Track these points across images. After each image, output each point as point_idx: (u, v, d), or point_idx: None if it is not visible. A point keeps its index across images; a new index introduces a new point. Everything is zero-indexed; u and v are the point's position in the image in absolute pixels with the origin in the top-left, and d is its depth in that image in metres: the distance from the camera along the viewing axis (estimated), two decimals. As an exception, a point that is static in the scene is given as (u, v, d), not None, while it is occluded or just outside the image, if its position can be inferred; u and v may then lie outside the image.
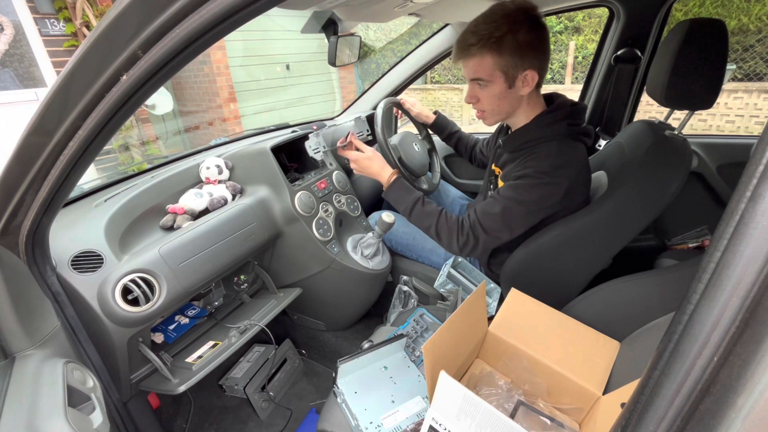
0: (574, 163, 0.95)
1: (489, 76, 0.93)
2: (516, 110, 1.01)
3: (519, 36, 0.88)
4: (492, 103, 0.98)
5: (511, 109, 1.00)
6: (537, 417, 0.75)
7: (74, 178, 0.64)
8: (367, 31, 6.38)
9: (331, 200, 1.37)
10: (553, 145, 0.96)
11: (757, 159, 0.27)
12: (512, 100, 0.98)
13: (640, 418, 0.34)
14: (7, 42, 2.95)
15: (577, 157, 0.97)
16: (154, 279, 0.92)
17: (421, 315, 1.12)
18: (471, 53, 0.92)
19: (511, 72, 0.92)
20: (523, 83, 0.94)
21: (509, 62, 0.90)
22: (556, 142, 0.97)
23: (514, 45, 0.88)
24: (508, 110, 1.00)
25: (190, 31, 0.46)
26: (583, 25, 5.70)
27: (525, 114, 1.01)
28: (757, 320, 0.27)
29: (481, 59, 0.92)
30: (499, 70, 0.92)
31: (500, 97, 0.96)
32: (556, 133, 0.97)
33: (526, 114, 1.01)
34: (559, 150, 0.95)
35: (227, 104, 4.59)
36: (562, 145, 0.96)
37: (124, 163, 3.69)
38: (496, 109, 1.00)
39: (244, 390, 1.31)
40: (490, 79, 0.93)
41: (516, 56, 0.90)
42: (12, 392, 0.59)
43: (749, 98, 4.47)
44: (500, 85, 0.94)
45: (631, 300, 0.88)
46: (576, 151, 0.97)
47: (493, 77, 0.93)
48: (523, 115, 1.02)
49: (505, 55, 0.90)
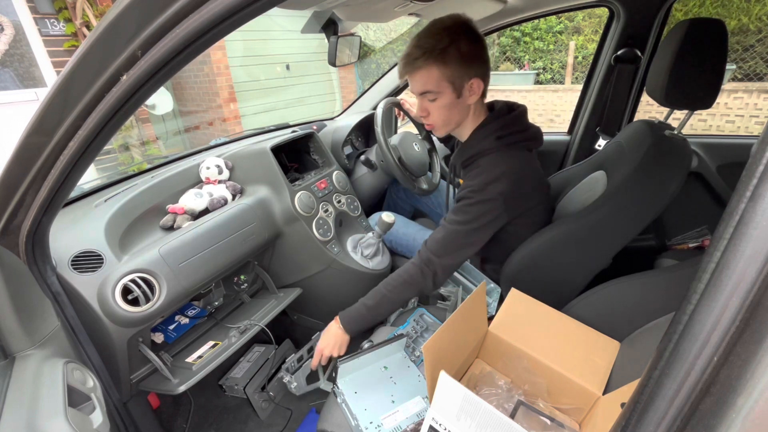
0: (504, 176, 0.96)
1: (437, 88, 0.95)
2: (464, 120, 1.03)
3: (461, 46, 0.91)
4: (442, 115, 1.00)
5: (460, 119, 1.03)
6: (537, 417, 0.75)
7: (74, 178, 0.64)
8: (367, 31, 6.37)
9: (331, 200, 1.37)
10: (483, 161, 1.00)
11: (757, 159, 0.27)
12: (461, 110, 1.00)
13: (640, 418, 0.34)
14: (7, 42, 2.95)
15: (510, 168, 0.97)
16: (154, 279, 0.92)
17: (421, 315, 1.12)
18: (417, 66, 0.94)
19: (458, 82, 0.94)
20: (470, 92, 0.97)
21: (455, 72, 0.93)
22: (487, 158, 1.00)
23: (457, 55, 0.91)
24: (457, 120, 1.03)
25: (190, 31, 0.46)
26: (583, 25, 5.70)
27: (469, 125, 1.04)
28: (757, 320, 0.27)
29: (427, 71, 0.94)
30: (446, 81, 0.94)
31: (450, 107, 0.98)
32: (487, 148, 1.00)
33: (470, 125, 1.04)
34: (488, 165, 0.98)
35: (227, 104, 4.59)
36: (491, 160, 0.99)
37: (124, 163, 3.69)
38: (446, 120, 1.02)
39: (244, 390, 1.31)
40: (439, 90, 0.96)
41: (461, 66, 0.93)
42: (12, 392, 0.59)
43: (749, 98, 4.47)
44: (449, 95, 0.96)
45: (631, 300, 0.88)
46: (509, 162, 0.98)
47: (441, 88, 0.95)
48: (468, 127, 1.04)
49: (450, 66, 0.92)
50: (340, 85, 6.26)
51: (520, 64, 6.14)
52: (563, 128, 1.96)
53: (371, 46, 6.50)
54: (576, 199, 1.21)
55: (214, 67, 4.38)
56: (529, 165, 1.03)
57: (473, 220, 0.97)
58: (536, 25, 5.85)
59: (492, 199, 0.95)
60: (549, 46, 5.94)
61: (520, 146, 1.02)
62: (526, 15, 1.61)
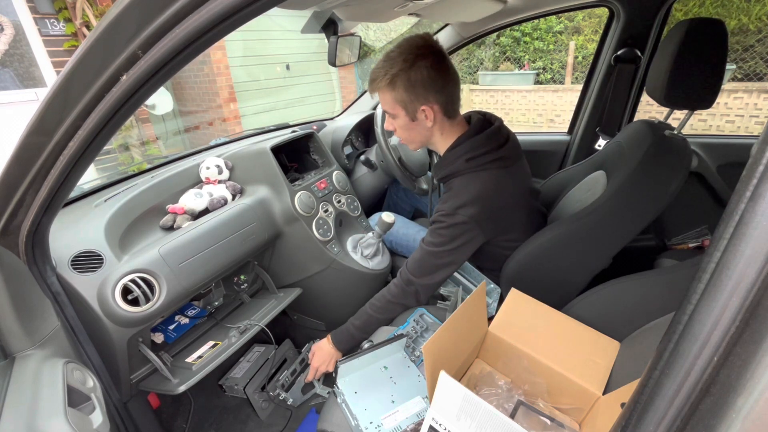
0: (475, 200, 0.95)
1: (392, 110, 0.99)
2: (430, 139, 1.05)
3: (411, 74, 0.92)
4: (404, 134, 1.04)
5: (424, 139, 1.04)
6: (537, 417, 0.75)
7: (74, 178, 0.64)
8: (367, 31, 6.37)
9: (331, 200, 1.37)
10: (456, 182, 1.00)
11: (757, 159, 0.27)
12: (421, 131, 1.02)
13: (640, 418, 0.34)
14: (7, 42, 2.95)
15: (478, 192, 0.96)
16: (154, 279, 0.92)
17: (421, 315, 1.12)
18: (375, 88, 0.99)
19: (410, 107, 0.96)
20: (425, 117, 0.97)
21: (405, 98, 0.95)
22: (459, 179, 1.00)
23: (406, 83, 0.93)
24: (421, 140, 1.04)
25: (190, 31, 0.46)
26: (583, 25, 5.70)
27: (442, 143, 1.05)
28: (757, 320, 0.27)
29: (383, 95, 0.98)
30: (398, 105, 0.97)
31: (408, 128, 1.01)
32: (459, 170, 1.00)
33: (442, 143, 1.04)
34: (459, 188, 0.98)
35: (227, 104, 4.59)
36: (462, 183, 0.99)
37: (124, 163, 3.69)
38: (408, 138, 1.05)
39: (244, 390, 1.31)
40: (394, 112, 0.99)
41: (409, 93, 0.94)
42: (12, 392, 0.59)
43: (749, 98, 4.47)
44: (403, 117, 0.99)
45: (631, 300, 0.88)
46: (477, 186, 0.97)
47: (396, 111, 0.98)
48: (440, 144, 1.05)
49: (400, 91, 0.95)
50: (340, 85, 6.26)
51: (520, 64, 6.14)
52: (563, 128, 1.96)
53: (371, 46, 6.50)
54: (576, 199, 1.21)
55: (214, 67, 4.38)
56: (502, 185, 0.99)
57: (447, 242, 0.99)
58: (536, 25, 5.85)
59: (463, 222, 0.96)
60: (549, 46, 5.93)
61: (494, 165, 0.99)
62: (526, 15, 1.61)
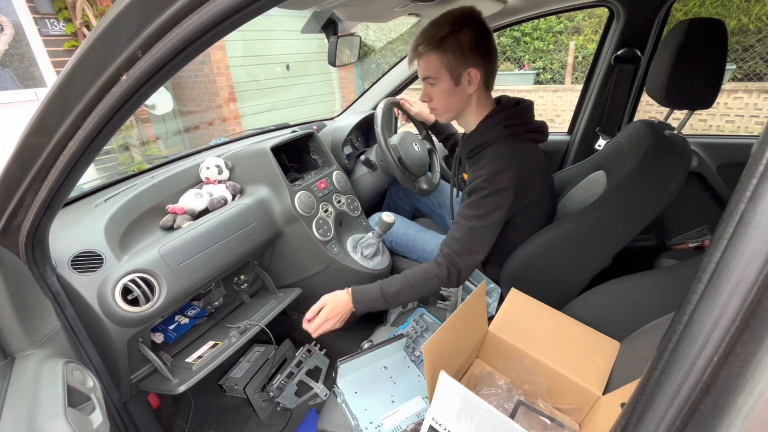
0: (513, 164, 0.98)
1: (436, 74, 0.99)
2: (465, 109, 1.05)
3: (460, 36, 0.95)
4: (442, 101, 1.04)
5: (461, 107, 1.05)
6: (537, 417, 0.75)
7: (74, 178, 0.64)
8: (367, 31, 6.37)
9: (331, 200, 1.37)
10: (490, 151, 1.01)
11: (757, 159, 0.27)
12: (461, 99, 1.03)
13: (640, 418, 0.34)
14: (7, 42, 2.95)
15: (518, 157, 0.99)
16: (154, 279, 0.92)
17: (421, 315, 1.12)
18: (419, 53, 1.00)
19: (455, 70, 0.98)
20: (469, 82, 0.99)
21: (452, 60, 0.97)
22: (494, 147, 1.01)
23: (455, 44, 0.96)
24: (457, 108, 1.05)
25: (190, 31, 0.46)
26: (583, 25, 5.70)
27: (474, 116, 1.06)
28: (757, 320, 0.27)
29: (427, 58, 0.99)
30: (444, 68, 0.98)
31: (449, 94, 1.02)
32: (495, 137, 1.01)
33: (475, 116, 1.06)
34: (495, 155, 0.99)
35: (227, 104, 4.59)
36: (500, 149, 1.00)
37: (124, 163, 3.69)
38: (446, 106, 1.05)
39: (244, 390, 1.31)
40: (437, 77, 1.00)
41: (458, 55, 0.96)
42: (12, 392, 0.59)
43: (749, 98, 4.47)
44: (447, 82, 1.00)
45: (631, 300, 0.88)
46: (516, 152, 1.00)
47: (440, 75, 0.99)
48: (473, 117, 1.07)
49: (448, 54, 0.96)
50: (340, 85, 6.26)
51: (520, 64, 6.14)
52: (563, 128, 1.96)
53: (371, 46, 6.50)
54: (576, 199, 1.22)
55: (214, 67, 4.38)
56: (536, 158, 1.05)
57: (489, 213, 0.98)
58: (536, 25, 5.85)
59: (504, 188, 0.97)
60: (549, 46, 5.94)
61: (527, 137, 1.04)
62: (526, 15, 1.61)
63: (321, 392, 1.30)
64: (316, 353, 1.39)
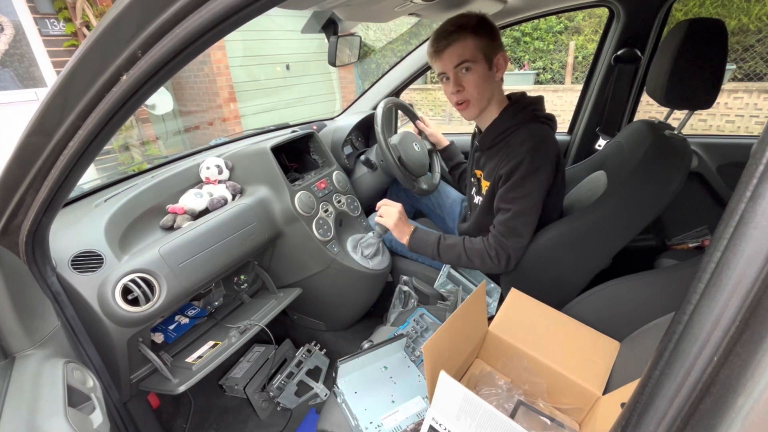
0: (548, 142, 1.01)
1: (473, 57, 1.00)
2: (491, 100, 1.07)
3: (486, 24, 1.01)
4: (477, 87, 1.03)
5: (490, 95, 1.06)
6: (537, 417, 0.75)
7: (74, 178, 0.64)
8: (367, 31, 6.37)
9: (331, 200, 1.37)
10: (524, 131, 1.02)
11: (757, 159, 0.27)
12: (490, 85, 1.04)
13: (640, 418, 0.34)
14: (7, 42, 2.95)
15: (549, 137, 1.02)
16: (154, 279, 0.92)
17: (421, 315, 1.12)
18: (453, 39, 1.00)
19: (489, 53, 1.01)
20: (498, 67, 1.03)
21: (487, 43, 1.00)
22: (526, 128, 1.02)
23: (488, 29, 1.00)
24: (489, 96, 1.06)
25: (190, 31, 0.46)
26: (583, 25, 5.70)
27: (495, 108, 1.09)
28: (757, 320, 0.27)
29: (464, 42, 1.00)
30: (480, 51, 1.00)
31: (483, 79, 1.03)
32: (523, 120, 1.04)
33: (495, 108, 1.09)
34: (530, 134, 1.01)
35: (227, 104, 4.59)
36: (532, 130, 1.02)
37: (124, 163, 3.69)
38: (481, 94, 1.05)
39: (244, 390, 1.31)
40: (474, 60, 1.00)
41: (490, 38, 1.00)
42: (12, 392, 0.59)
43: (749, 98, 4.47)
44: (483, 66, 1.01)
45: (631, 300, 0.88)
46: (547, 132, 1.03)
47: (477, 58, 1.00)
48: (494, 110, 1.09)
49: (484, 37, 0.99)
50: (340, 85, 6.26)
51: (520, 64, 6.14)
52: (563, 128, 1.96)
53: (371, 46, 6.50)
54: (576, 199, 1.22)
55: (214, 67, 4.38)
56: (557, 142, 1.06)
57: (535, 190, 1.00)
58: (536, 25, 5.85)
59: (542, 166, 0.99)
60: (549, 46, 5.94)
61: (551, 124, 1.07)
62: (526, 15, 1.61)
63: (321, 392, 1.30)
64: (316, 353, 1.39)
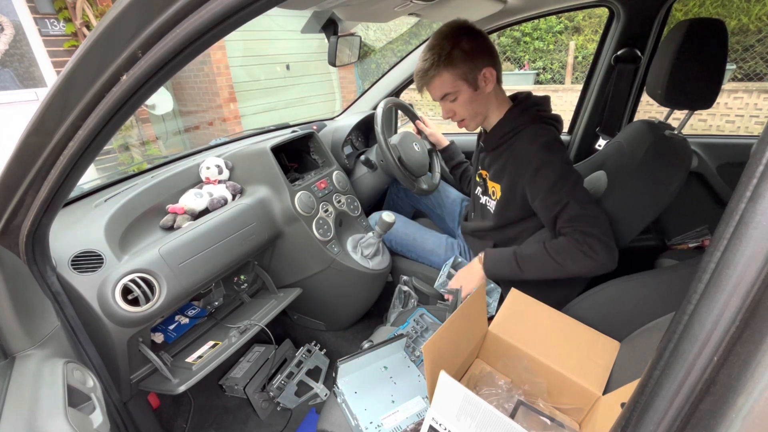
0: (555, 139, 1.01)
1: (454, 88, 1.02)
2: (489, 109, 1.09)
3: (462, 46, 0.99)
4: (467, 110, 1.06)
5: (485, 109, 1.08)
6: (537, 417, 0.75)
7: (74, 178, 0.64)
8: (367, 31, 6.38)
9: (331, 200, 1.37)
10: (530, 130, 1.03)
11: (757, 159, 0.27)
12: (482, 101, 1.06)
13: (640, 418, 0.34)
14: (7, 42, 2.95)
15: (555, 136, 1.03)
16: (154, 279, 0.92)
17: (421, 315, 1.12)
18: (429, 76, 1.02)
19: (471, 76, 1.01)
20: (485, 81, 1.03)
21: (465, 70, 1.00)
22: (532, 127, 1.03)
23: (461, 55, 0.99)
24: (482, 111, 1.08)
25: (190, 31, 0.46)
26: (583, 25, 5.70)
27: (497, 111, 1.09)
28: (757, 320, 0.27)
29: (440, 78, 1.02)
30: (460, 79, 1.01)
31: (471, 101, 1.05)
32: (528, 120, 1.04)
33: (497, 111, 1.09)
34: (537, 132, 1.02)
35: (227, 104, 4.59)
36: (534, 130, 1.02)
37: (124, 163, 3.69)
38: (473, 113, 1.08)
39: (244, 390, 1.31)
40: (456, 89, 1.03)
41: (468, 62, 1.00)
42: (12, 392, 0.59)
43: (749, 98, 4.47)
44: (466, 91, 1.03)
45: (631, 300, 0.88)
46: (552, 132, 1.03)
47: (458, 87, 1.02)
48: (496, 113, 1.10)
49: (459, 66, 1.00)
50: (340, 85, 6.26)
51: (520, 64, 6.14)
52: (563, 128, 1.96)
53: (371, 46, 6.51)
54: (576, 199, 1.21)
55: (214, 67, 4.38)
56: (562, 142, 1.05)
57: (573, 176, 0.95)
58: (536, 25, 5.85)
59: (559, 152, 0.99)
60: (549, 46, 5.94)
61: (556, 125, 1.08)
62: (526, 15, 1.61)
63: (321, 392, 1.30)
64: (316, 353, 1.39)
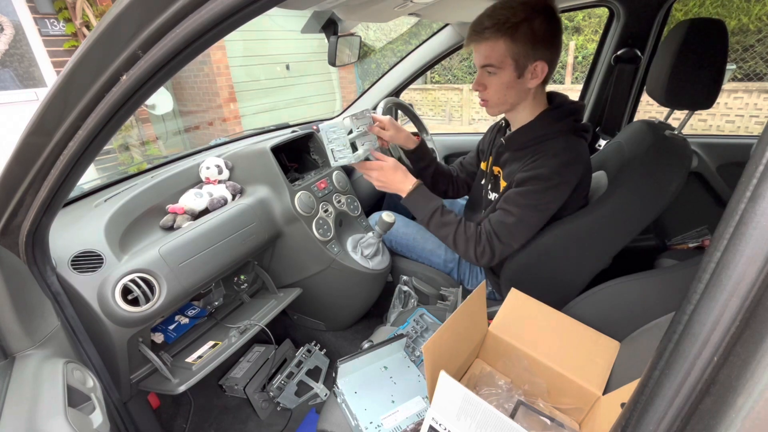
0: (582, 159, 0.95)
1: (499, 63, 0.91)
2: (520, 103, 0.99)
3: (534, 25, 0.87)
4: (499, 92, 0.96)
5: (517, 101, 0.98)
6: (537, 417, 0.75)
7: (74, 178, 0.64)
8: (367, 31, 6.38)
9: (331, 200, 1.37)
10: (560, 141, 0.95)
11: (757, 159, 0.27)
12: (519, 92, 0.96)
13: (640, 418, 0.34)
14: (7, 42, 2.95)
15: (583, 153, 0.97)
16: (154, 279, 0.92)
17: (421, 315, 1.12)
18: (485, 37, 0.90)
19: (522, 61, 0.90)
20: (532, 75, 0.93)
21: (521, 50, 0.89)
22: (563, 139, 0.95)
23: (528, 33, 0.87)
24: (513, 101, 0.98)
25: (190, 31, 0.46)
26: (583, 25, 5.70)
27: (529, 110, 1.00)
28: (757, 320, 0.27)
29: (494, 44, 0.90)
30: (510, 58, 0.90)
31: (508, 86, 0.94)
32: (563, 130, 0.96)
33: (530, 110, 1.00)
34: (566, 147, 0.94)
35: (227, 104, 4.60)
36: (569, 142, 0.95)
37: (124, 163, 3.69)
38: (501, 99, 0.97)
39: (244, 390, 1.31)
40: (501, 66, 0.92)
41: (529, 45, 0.88)
42: (12, 392, 0.59)
43: (749, 98, 4.47)
44: (510, 73, 0.92)
45: (631, 300, 0.88)
46: (582, 147, 0.97)
47: (504, 65, 0.91)
48: (527, 111, 1.00)
49: (519, 43, 0.88)
50: (340, 85, 6.26)
51: (520, 64, 6.13)
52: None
53: (371, 46, 6.51)
54: (576, 199, 1.21)
55: (214, 67, 4.38)
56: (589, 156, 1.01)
57: (547, 204, 0.95)
58: (536, 25, 5.84)
59: (568, 181, 0.94)
60: (549, 46, 5.93)
61: (587, 136, 1.01)
62: (526, 15, 1.61)
63: (321, 392, 1.30)
64: (316, 353, 1.39)
